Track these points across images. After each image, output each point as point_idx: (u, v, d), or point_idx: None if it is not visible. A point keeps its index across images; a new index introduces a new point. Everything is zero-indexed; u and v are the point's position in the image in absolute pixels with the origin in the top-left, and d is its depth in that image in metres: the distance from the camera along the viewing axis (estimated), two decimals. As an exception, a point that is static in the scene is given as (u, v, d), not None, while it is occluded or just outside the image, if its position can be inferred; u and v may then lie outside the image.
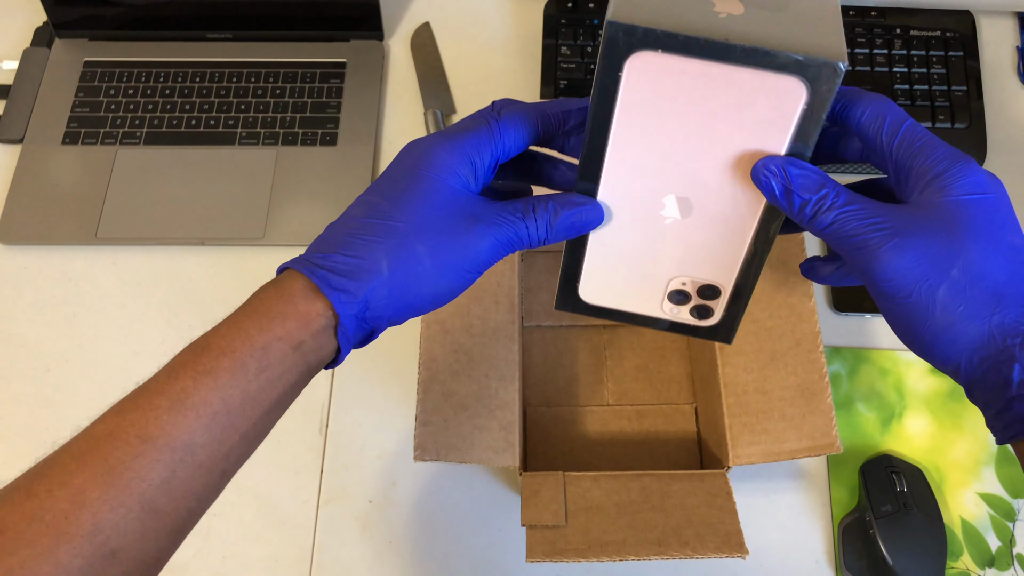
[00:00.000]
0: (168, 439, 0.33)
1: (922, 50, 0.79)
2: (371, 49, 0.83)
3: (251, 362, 0.35)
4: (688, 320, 0.43)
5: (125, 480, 0.32)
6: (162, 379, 0.35)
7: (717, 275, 0.41)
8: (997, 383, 0.32)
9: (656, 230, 0.40)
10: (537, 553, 0.51)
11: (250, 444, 0.36)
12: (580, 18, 0.82)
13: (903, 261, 0.32)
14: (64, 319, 0.71)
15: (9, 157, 0.78)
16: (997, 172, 0.76)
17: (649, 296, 0.43)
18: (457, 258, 0.37)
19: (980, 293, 0.32)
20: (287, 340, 0.35)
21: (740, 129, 0.36)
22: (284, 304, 0.36)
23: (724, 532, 0.53)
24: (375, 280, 0.36)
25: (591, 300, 0.43)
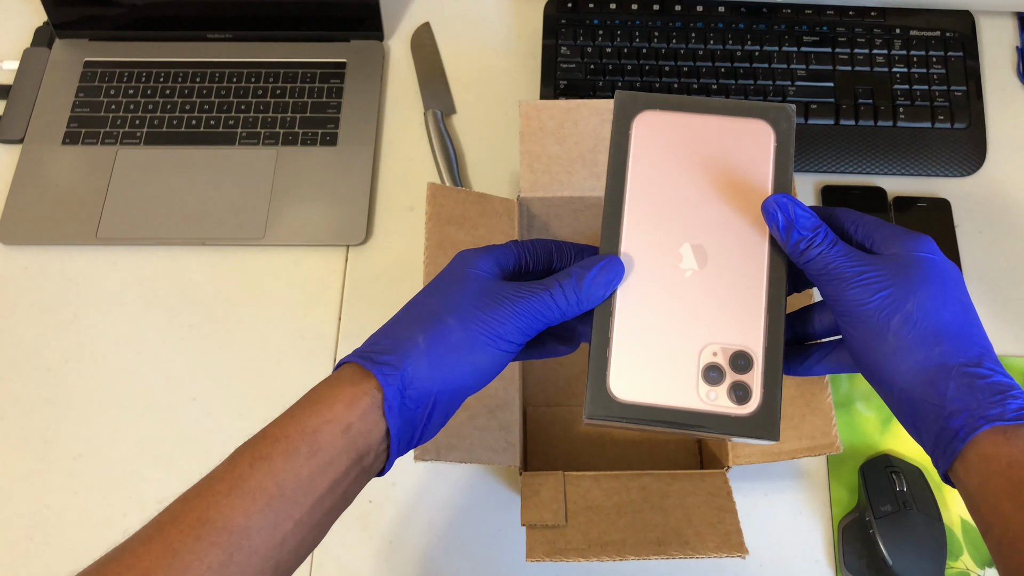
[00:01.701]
0: (226, 522, 0.35)
1: (922, 50, 0.79)
2: (371, 49, 0.83)
3: (303, 447, 0.36)
4: (728, 408, 0.40)
5: (186, 562, 0.34)
6: (223, 467, 0.37)
7: (744, 336, 0.41)
8: (934, 403, 0.37)
9: (678, 285, 0.41)
10: (537, 553, 0.51)
11: (303, 537, 0.37)
12: (580, 18, 0.82)
13: (868, 291, 0.38)
14: (64, 319, 0.71)
15: (9, 157, 0.78)
16: (997, 172, 0.76)
17: (685, 378, 0.41)
18: (486, 328, 0.39)
19: (927, 327, 0.37)
20: (336, 423, 0.37)
21: (731, 170, 0.42)
22: (333, 389, 0.38)
23: (724, 532, 0.53)
24: (412, 351, 0.38)
25: (625, 396, 0.40)
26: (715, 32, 0.80)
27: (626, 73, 0.79)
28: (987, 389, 0.36)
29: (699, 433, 0.41)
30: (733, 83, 0.78)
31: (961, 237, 0.73)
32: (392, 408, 0.38)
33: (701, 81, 0.79)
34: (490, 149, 0.78)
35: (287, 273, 0.73)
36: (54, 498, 0.65)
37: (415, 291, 0.60)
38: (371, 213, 0.75)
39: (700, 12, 0.82)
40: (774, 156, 0.42)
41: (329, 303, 0.72)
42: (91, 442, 0.67)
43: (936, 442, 0.37)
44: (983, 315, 0.70)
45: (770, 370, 0.41)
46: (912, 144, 0.77)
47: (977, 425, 0.35)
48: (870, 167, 0.76)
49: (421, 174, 0.77)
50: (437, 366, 0.38)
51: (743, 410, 0.40)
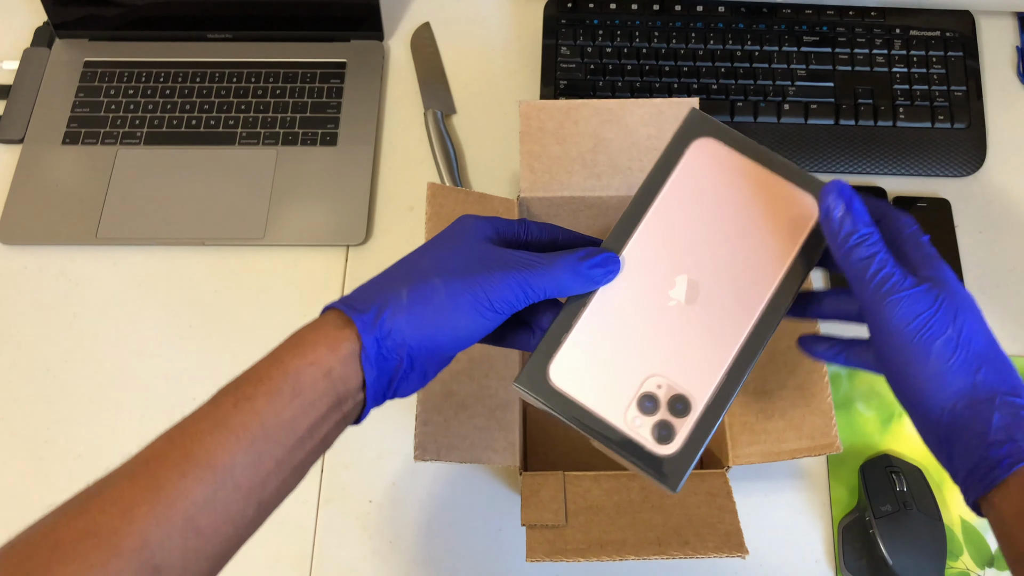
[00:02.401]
0: (210, 459, 0.35)
1: (922, 50, 0.79)
2: (371, 49, 0.83)
3: (285, 387, 0.37)
4: (645, 441, 0.40)
5: (171, 497, 0.34)
6: (206, 407, 0.37)
7: (695, 384, 0.41)
8: (977, 429, 0.37)
9: (657, 310, 0.41)
10: (537, 553, 0.51)
11: (284, 478, 0.37)
12: (580, 18, 0.82)
13: (916, 308, 0.38)
14: (64, 319, 0.71)
15: (9, 157, 0.78)
16: (997, 172, 0.76)
17: (619, 394, 0.41)
18: (471, 292, 0.39)
19: (969, 353, 0.37)
20: (318, 365, 0.37)
21: (761, 227, 0.42)
22: (316, 333, 0.38)
23: (724, 532, 0.53)
24: (393, 304, 0.39)
25: (558, 383, 0.41)
26: (715, 32, 0.80)
27: (626, 73, 0.79)
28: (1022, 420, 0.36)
29: (607, 449, 0.41)
30: (733, 83, 0.78)
31: (961, 237, 0.73)
32: (369, 357, 0.38)
33: (701, 81, 0.79)
34: (490, 149, 0.78)
35: (287, 273, 0.73)
36: (54, 498, 0.65)
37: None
38: (371, 213, 0.75)
39: (700, 12, 0.82)
40: (809, 233, 0.42)
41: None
42: (91, 442, 0.67)
43: (974, 469, 0.37)
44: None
45: (703, 425, 0.40)
46: (912, 144, 0.77)
47: (1023, 457, 0.35)
48: (870, 167, 0.76)
49: (421, 174, 0.77)
50: (416, 322, 0.38)
51: (657, 449, 0.40)
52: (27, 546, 0.33)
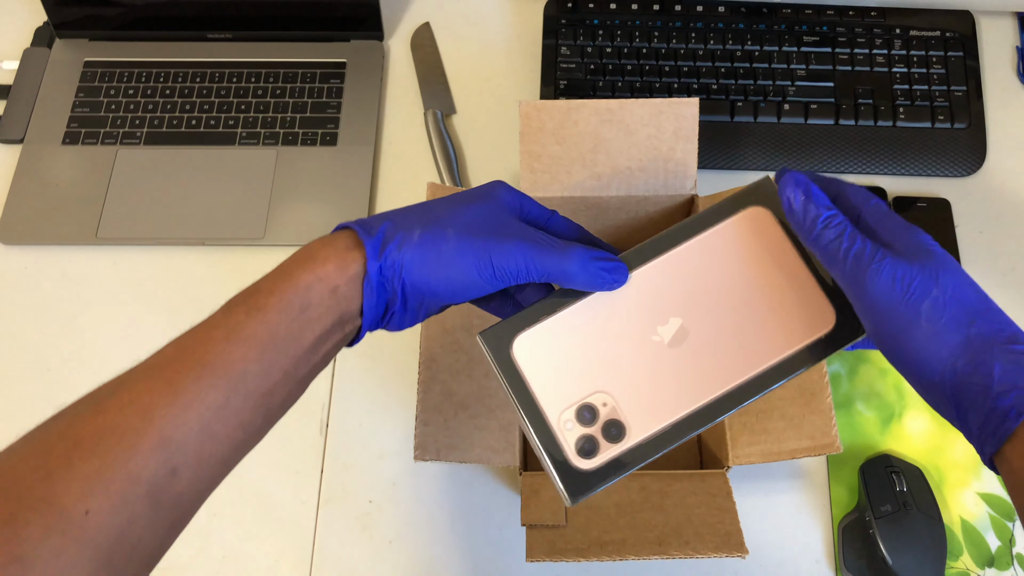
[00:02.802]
0: (224, 366, 0.36)
1: (922, 50, 0.79)
2: (371, 49, 0.83)
3: (295, 301, 0.38)
4: (566, 446, 0.40)
5: (187, 400, 0.35)
6: (218, 316, 0.38)
7: (639, 419, 0.40)
8: (981, 383, 0.36)
9: (639, 338, 0.41)
10: (537, 553, 0.51)
11: (290, 390, 0.39)
12: (580, 18, 0.82)
13: (893, 274, 0.37)
14: (64, 319, 0.71)
15: (9, 157, 0.78)
16: (997, 172, 0.76)
17: (565, 393, 0.41)
18: (479, 251, 0.40)
19: (958, 309, 0.37)
20: (326, 282, 0.38)
21: (775, 313, 0.42)
22: (327, 250, 0.39)
23: (724, 532, 0.53)
24: (404, 239, 0.39)
25: (516, 354, 0.41)
26: (715, 32, 0.80)
27: (626, 73, 0.79)
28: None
29: (531, 438, 0.41)
30: (733, 83, 0.78)
31: (961, 237, 0.73)
32: (371, 283, 0.39)
33: (701, 81, 0.79)
34: (490, 149, 0.78)
35: (287, 273, 0.73)
36: (54, 498, 0.65)
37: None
38: (371, 213, 0.75)
39: (700, 12, 0.82)
40: (815, 340, 0.41)
41: (329, 303, 0.72)
42: (91, 442, 0.67)
43: (984, 424, 0.36)
44: (983, 315, 0.71)
45: (626, 459, 0.40)
46: (912, 144, 0.77)
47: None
48: (870, 167, 0.76)
49: (421, 174, 0.77)
50: (419, 263, 0.39)
51: (572, 459, 0.40)
52: (44, 442, 0.33)
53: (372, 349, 0.70)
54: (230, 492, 0.65)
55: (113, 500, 0.33)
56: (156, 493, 0.34)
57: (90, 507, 0.32)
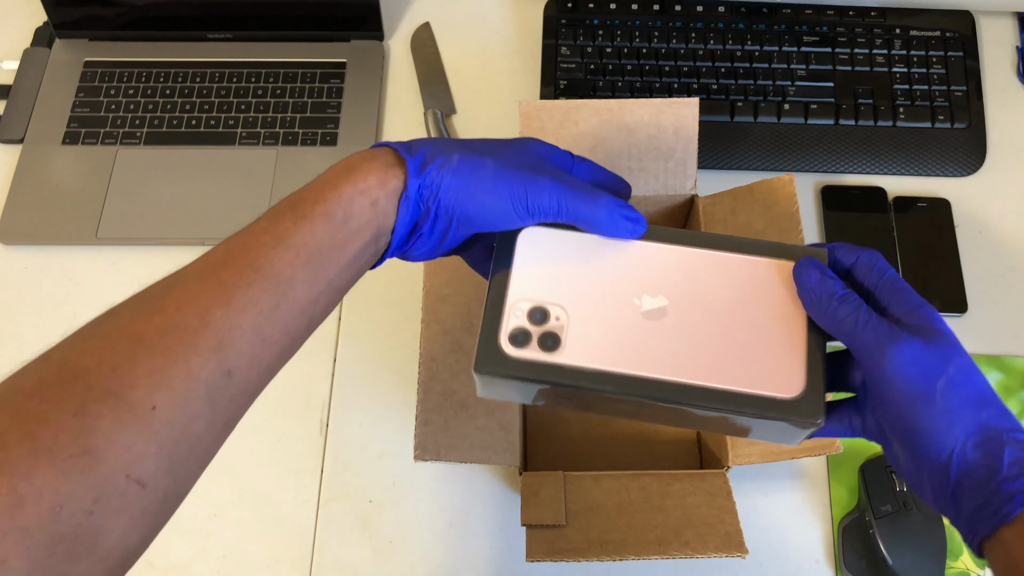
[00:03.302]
0: (274, 272, 0.37)
1: (922, 50, 0.79)
2: (371, 49, 0.83)
3: (339, 212, 0.39)
4: (503, 329, 0.41)
5: (241, 304, 0.36)
6: (264, 223, 0.38)
7: (576, 349, 0.40)
8: (988, 466, 0.36)
9: (621, 293, 0.42)
10: (537, 553, 0.51)
11: (330, 299, 0.40)
12: (580, 18, 0.82)
13: (912, 353, 0.37)
14: (65, 319, 0.71)
15: (9, 157, 0.78)
16: (997, 172, 0.76)
17: (535, 289, 0.41)
18: (516, 181, 0.40)
19: (971, 392, 0.37)
20: (367, 195, 0.39)
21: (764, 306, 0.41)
22: (369, 164, 0.40)
23: (724, 532, 0.53)
24: (444, 161, 0.40)
25: (520, 240, 0.42)
26: (715, 32, 0.80)
27: (626, 73, 0.79)
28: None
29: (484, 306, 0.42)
30: (733, 83, 0.78)
31: (961, 237, 0.73)
32: (408, 199, 0.40)
33: (701, 81, 0.79)
34: (490, 149, 0.78)
35: (287, 273, 0.73)
36: (54, 498, 0.65)
37: (416, 291, 0.60)
38: (371, 213, 0.75)
39: (700, 12, 0.82)
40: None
41: (329, 303, 0.72)
42: (91, 442, 0.67)
43: (983, 506, 0.36)
44: (983, 315, 0.71)
45: (543, 370, 0.40)
46: (912, 144, 0.77)
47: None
48: (870, 167, 0.76)
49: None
50: (456, 186, 0.40)
51: (501, 338, 0.40)
52: (107, 337, 0.34)
53: (372, 349, 0.70)
54: (230, 492, 0.65)
55: (176, 397, 0.33)
56: (213, 393, 0.34)
57: (156, 403, 0.33)
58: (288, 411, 0.68)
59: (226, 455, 0.67)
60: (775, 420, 0.39)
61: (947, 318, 0.70)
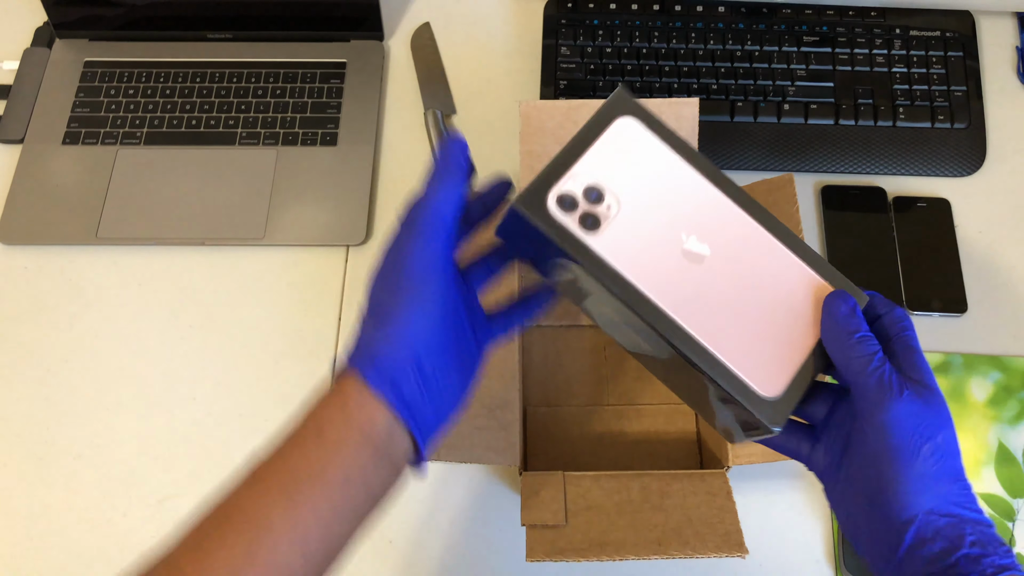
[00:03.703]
0: (247, 512, 0.36)
1: (922, 50, 0.79)
2: (371, 49, 0.83)
3: (309, 434, 0.38)
4: (554, 188, 0.40)
5: (212, 554, 0.35)
6: (242, 467, 0.38)
7: (614, 244, 0.40)
8: (950, 541, 0.37)
9: (670, 223, 0.41)
10: (537, 553, 0.51)
11: (329, 528, 0.37)
12: (580, 18, 0.82)
13: (912, 409, 0.38)
14: (64, 319, 0.71)
15: (9, 157, 0.78)
16: (996, 173, 0.76)
17: (596, 171, 0.40)
18: (400, 261, 0.39)
19: (950, 462, 0.38)
20: (331, 405, 0.39)
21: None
22: (324, 386, 0.40)
23: (724, 532, 0.53)
24: (362, 327, 0.40)
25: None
26: (715, 32, 0.80)
27: (626, 73, 0.79)
28: (995, 541, 0.37)
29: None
30: (733, 83, 0.78)
31: (961, 237, 0.73)
32: (371, 376, 0.38)
33: (701, 81, 0.79)
34: (490, 149, 0.78)
35: (287, 273, 0.73)
36: (54, 498, 0.65)
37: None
38: (371, 213, 0.75)
39: (700, 12, 0.82)
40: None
41: (329, 303, 0.72)
42: (91, 442, 0.67)
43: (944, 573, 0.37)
44: (983, 315, 0.71)
45: (575, 246, 0.39)
46: (912, 144, 0.77)
47: (1001, 569, 0.36)
48: (870, 167, 0.76)
49: (421, 174, 0.77)
50: (386, 325, 0.38)
51: (549, 196, 0.40)
52: None
53: (372, 349, 0.70)
54: (230, 492, 0.65)
55: None
56: None
57: None
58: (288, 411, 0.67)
59: (226, 455, 0.67)
60: (737, 407, 0.39)
61: (947, 318, 0.70)
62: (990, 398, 0.67)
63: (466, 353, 0.41)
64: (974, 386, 0.68)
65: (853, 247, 0.73)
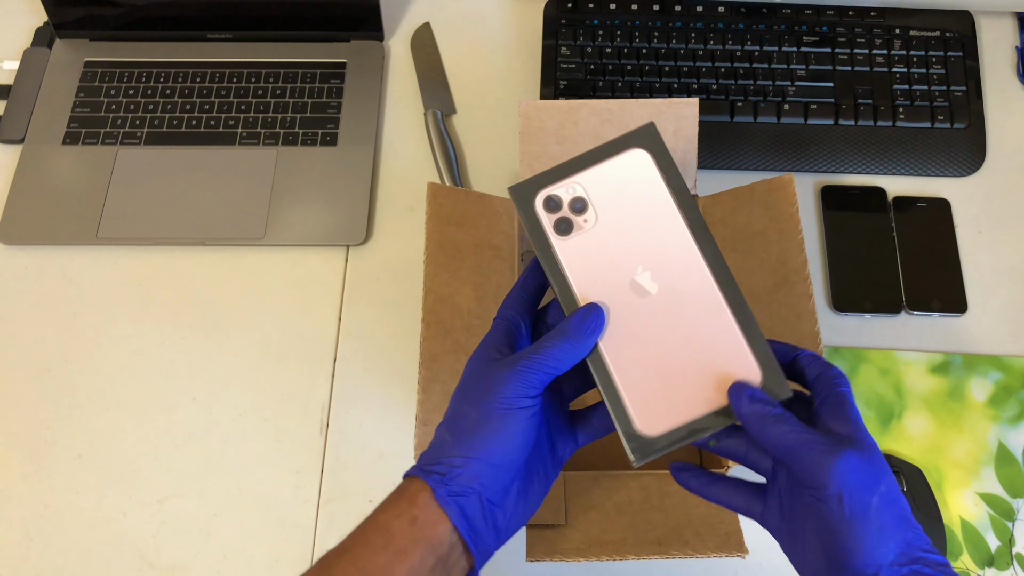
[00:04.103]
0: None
1: (921, 50, 0.79)
2: (371, 49, 0.83)
3: (378, 538, 0.41)
4: (542, 194, 0.43)
5: None
6: (314, 568, 0.40)
7: (576, 263, 0.43)
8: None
9: (628, 256, 0.43)
10: (537, 552, 0.51)
11: None
12: (580, 18, 0.82)
13: (851, 465, 0.38)
14: (65, 319, 0.71)
15: (10, 157, 0.78)
16: (996, 173, 0.76)
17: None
18: (495, 399, 0.41)
19: (898, 511, 0.38)
20: (403, 516, 0.41)
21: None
22: (397, 493, 0.42)
23: (724, 531, 0.53)
24: (444, 447, 0.42)
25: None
26: (715, 32, 0.80)
27: (626, 73, 0.79)
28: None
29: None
30: (733, 83, 0.78)
31: (961, 237, 0.73)
32: (442, 497, 0.40)
33: (701, 81, 0.79)
34: (490, 149, 0.79)
35: (287, 273, 0.73)
36: (54, 498, 0.65)
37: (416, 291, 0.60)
38: (371, 213, 0.75)
39: (700, 12, 0.82)
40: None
41: (329, 303, 0.72)
42: (91, 442, 0.67)
43: None
44: (983, 315, 0.71)
45: (547, 247, 0.43)
46: (912, 144, 0.77)
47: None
48: (870, 167, 0.76)
49: (421, 174, 0.77)
50: (466, 450, 0.41)
51: (538, 200, 0.44)
52: None
53: (373, 349, 0.70)
54: (230, 492, 0.65)
55: None
56: None
57: None
58: (288, 411, 0.68)
59: (226, 455, 0.67)
60: (619, 433, 0.41)
61: (947, 318, 0.70)
62: (990, 398, 0.67)
63: (542, 478, 0.44)
64: (974, 386, 0.68)
65: (853, 247, 0.73)
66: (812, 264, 0.72)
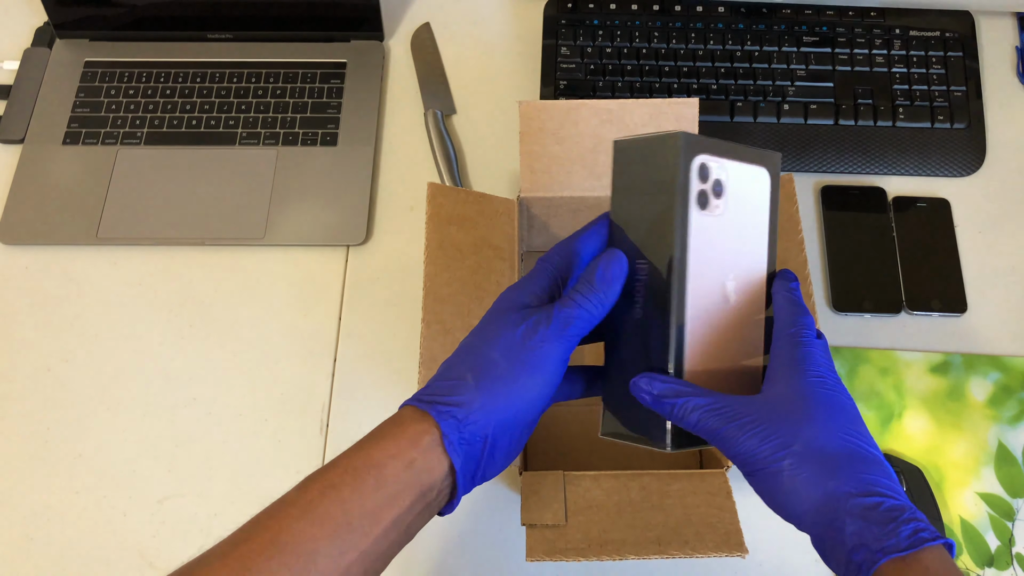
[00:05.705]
0: (296, 545, 0.36)
1: (922, 50, 0.79)
2: (371, 49, 0.83)
3: (370, 479, 0.38)
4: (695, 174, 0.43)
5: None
6: (294, 492, 0.39)
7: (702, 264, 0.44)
8: (836, 539, 0.38)
9: (722, 266, 0.45)
10: (537, 552, 0.51)
11: (367, 567, 0.38)
12: (580, 18, 0.82)
13: (754, 443, 0.39)
14: (65, 319, 0.71)
15: (10, 157, 0.78)
16: (997, 172, 0.76)
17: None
18: (527, 354, 0.41)
19: (817, 465, 0.39)
20: (400, 458, 0.39)
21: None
22: (396, 427, 0.40)
23: (724, 531, 0.53)
24: (463, 389, 0.40)
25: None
26: (715, 32, 0.80)
27: (626, 73, 0.79)
28: (880, 519, 0.37)
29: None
30: (733, 83, 0.78)
31: (961, 237, 0.74)
32: (452, 443, 0.39)
33: (701, 81, 0.79)
34: (490, 149, 0.79)
35: (287, 273, 0.73)
36: (54, 498, 0.65)
37: (416, 291, 0.60)
38: (371, 213, 0.75)
39: (700, 12, 0.82)
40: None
41: (329, 303, 0.72)
42: (91, 442, 0.67)
43: (846, 570, 0.38)
44: (983, 315, 0.71)
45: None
46: (912, 144, 0.77)
47: (876, 559, 0.36)
48: (870, 167, 0.76)
49: (421, 174, 0.77)
50: (489, 401, 0.40)
51: (694, 188, 0.44)
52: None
53: (373, 349, 0.70)
54: (230, 492, 0.65)
55: None
56: None
57: None
58: (288, 411, 0.68)
59: (226, 455, 0.67)
60: (648, 356, 0.43)
61: (947, 318, 0.70)
62: (990, 398, 0.67)
63: (530, 432, 0.43)
64: (974, 386, 0.68)
65: (853, 247, 0.73)
66: (812, 264, 0.72)
